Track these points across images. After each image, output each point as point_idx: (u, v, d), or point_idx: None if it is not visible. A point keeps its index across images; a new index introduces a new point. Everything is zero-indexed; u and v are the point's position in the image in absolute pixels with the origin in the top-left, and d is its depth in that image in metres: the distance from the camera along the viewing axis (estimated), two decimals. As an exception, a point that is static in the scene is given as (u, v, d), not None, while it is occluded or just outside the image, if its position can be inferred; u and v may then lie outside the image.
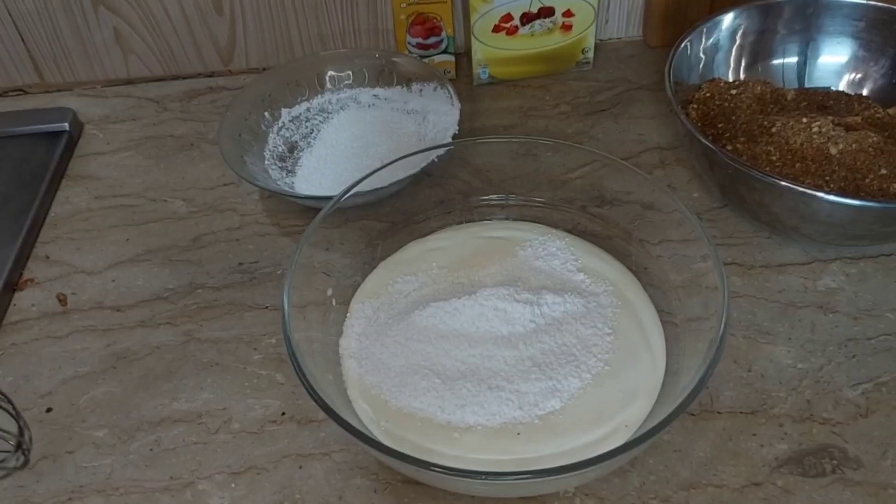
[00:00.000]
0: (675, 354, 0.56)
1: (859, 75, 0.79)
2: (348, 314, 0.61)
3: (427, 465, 0.45)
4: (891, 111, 0.74)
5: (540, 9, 0.83)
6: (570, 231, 0.66)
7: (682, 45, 0.74)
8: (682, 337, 0.57)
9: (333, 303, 0.60)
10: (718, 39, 0.78)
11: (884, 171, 0.66)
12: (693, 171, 0.76)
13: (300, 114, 0.81)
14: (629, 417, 0.53)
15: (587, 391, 0.54)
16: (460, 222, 0.68)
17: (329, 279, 0.60)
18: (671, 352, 0.57)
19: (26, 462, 0.55)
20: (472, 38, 0.83)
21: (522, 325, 0.57)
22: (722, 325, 0.50)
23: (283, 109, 0.80)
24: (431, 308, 0.59)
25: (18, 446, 0.54)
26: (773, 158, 0.68)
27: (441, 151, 0.65)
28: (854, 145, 0.67)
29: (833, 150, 0.67)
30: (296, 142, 0.79)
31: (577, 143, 0.78)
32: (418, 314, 0.58)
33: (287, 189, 0.73)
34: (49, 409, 0.60)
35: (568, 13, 0.84)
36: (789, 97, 0.77)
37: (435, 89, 0.78)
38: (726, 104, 0.75)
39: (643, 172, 0.61)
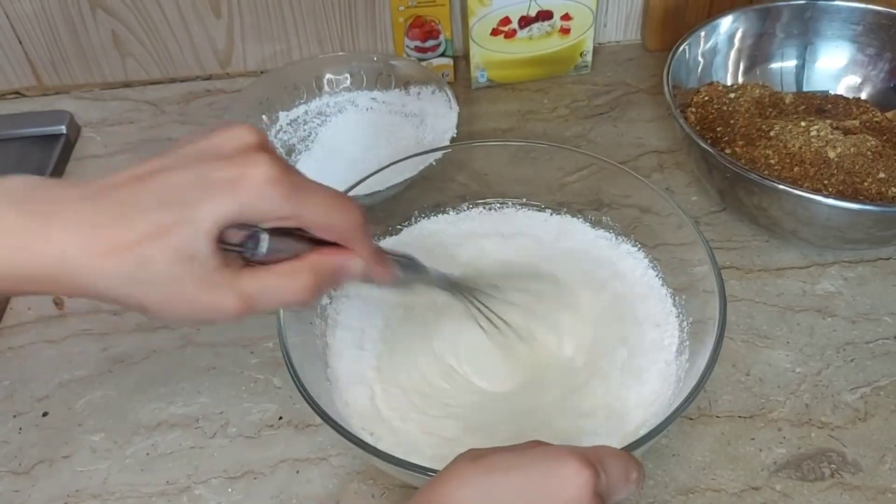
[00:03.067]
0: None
1: (857, 79, 0.79)
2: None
3: (424, 471, 0.44)
4: (889, 115, 0.74)
5: (538, 12, 0.83)
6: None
7: (681, 49, 0.74)
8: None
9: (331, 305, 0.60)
10: (717, 43, 0.78)
11: (882, 175, 0.66)
12: (691, 175, 0.76)
13: (298, 117, 0.80)
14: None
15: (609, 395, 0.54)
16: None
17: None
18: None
19: None
20: (471, 41, 0.83)
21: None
22: (719, 329, 0.50)
23: (280, 112, 0.80)
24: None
25: None
26: (772, 162, 0.68)
27: (439, 155, 0.65)
28: (852, 149, 0.67)
29: (831, 154, 0.67)
30: (293, 145, 0.79)
31: (575, 146, 0.78)
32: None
33: (285, 192, 0.73)
34: (45, 414, 0.60)
35: (566, 17, 0.84)
36: (787, 101, 0.77)
37: (433, 92, 0.78)
38: (725, 108, 0.75)
39: (641, 176, 0.61)
